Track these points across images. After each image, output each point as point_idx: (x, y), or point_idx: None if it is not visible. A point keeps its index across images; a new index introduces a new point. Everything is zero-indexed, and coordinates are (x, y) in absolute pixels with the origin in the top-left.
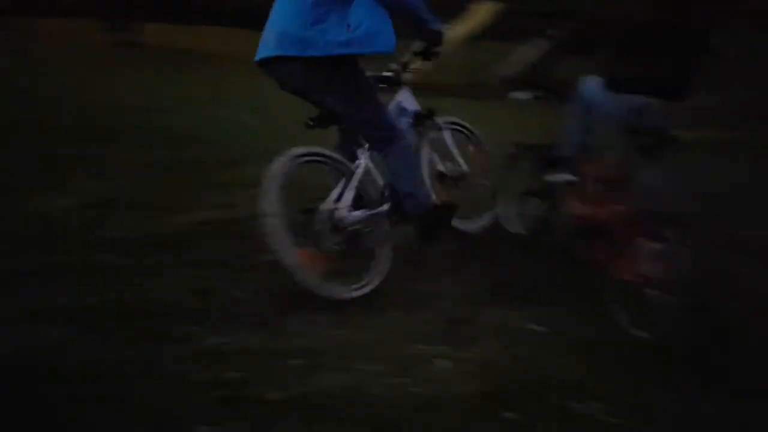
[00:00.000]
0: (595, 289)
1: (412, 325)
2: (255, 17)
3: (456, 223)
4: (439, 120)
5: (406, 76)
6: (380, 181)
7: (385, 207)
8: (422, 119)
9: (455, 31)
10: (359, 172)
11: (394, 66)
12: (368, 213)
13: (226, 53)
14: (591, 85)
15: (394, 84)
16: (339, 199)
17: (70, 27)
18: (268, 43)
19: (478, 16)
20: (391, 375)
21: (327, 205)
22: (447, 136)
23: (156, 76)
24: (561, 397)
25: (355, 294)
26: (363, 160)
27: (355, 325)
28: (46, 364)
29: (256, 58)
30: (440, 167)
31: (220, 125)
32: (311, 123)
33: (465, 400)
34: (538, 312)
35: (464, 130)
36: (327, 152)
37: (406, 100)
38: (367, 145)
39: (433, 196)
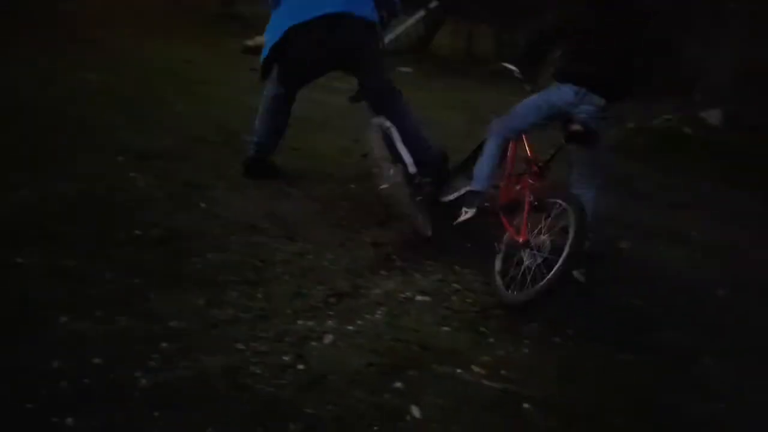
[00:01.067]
0: (481, 259)
1: (297, 301)
2: None
3: None
4: None
5: None
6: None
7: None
8: None
9: None
10: (395, 132)
11: None
12: (416, 168)
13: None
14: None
15: None
16: (396, 159)
17: None
18: (325, 2)
19: None
20: (274, 354)
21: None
22: None
23: None
24: (445, 364)
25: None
26: (388, 124)
27: (233, 303)
28: None
29: (310, 16)
30: None
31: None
32: (354, 98)
33: (352, 374)
34: (422, 282)
35: None
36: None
37: None
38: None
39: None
